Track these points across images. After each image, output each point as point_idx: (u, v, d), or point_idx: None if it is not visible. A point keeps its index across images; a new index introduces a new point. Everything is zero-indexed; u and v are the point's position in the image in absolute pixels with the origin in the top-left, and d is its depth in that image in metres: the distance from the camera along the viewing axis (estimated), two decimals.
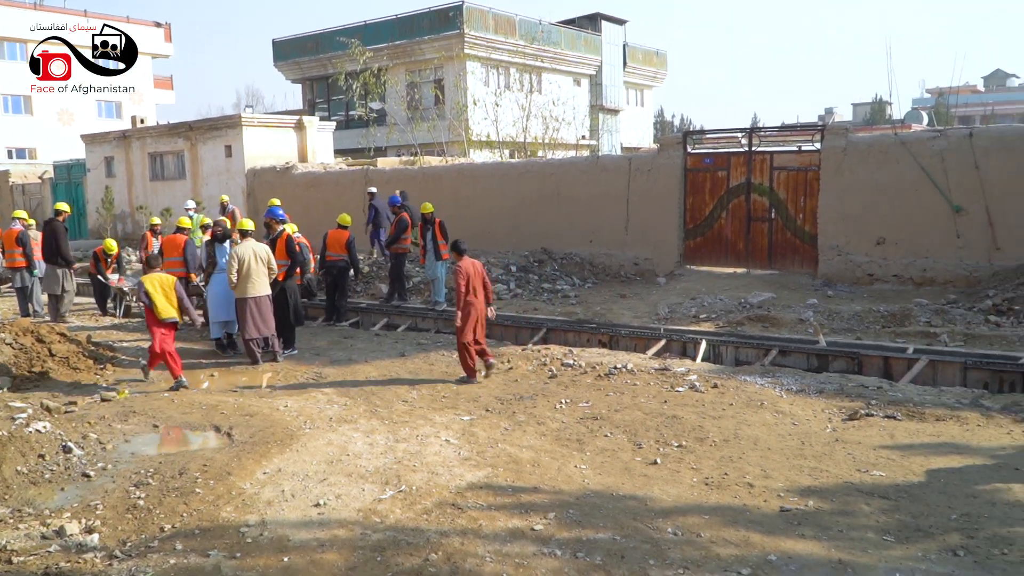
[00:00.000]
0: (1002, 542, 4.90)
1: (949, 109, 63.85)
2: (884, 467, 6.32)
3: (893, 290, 13.64)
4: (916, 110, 63.65)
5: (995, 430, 7.25)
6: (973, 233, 13.35)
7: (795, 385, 8.78)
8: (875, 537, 5.06)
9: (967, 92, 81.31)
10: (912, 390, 8.58)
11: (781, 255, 15.47)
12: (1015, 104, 76.96)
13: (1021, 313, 10.92)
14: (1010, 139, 13.30)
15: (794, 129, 18.42)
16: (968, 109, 72.64)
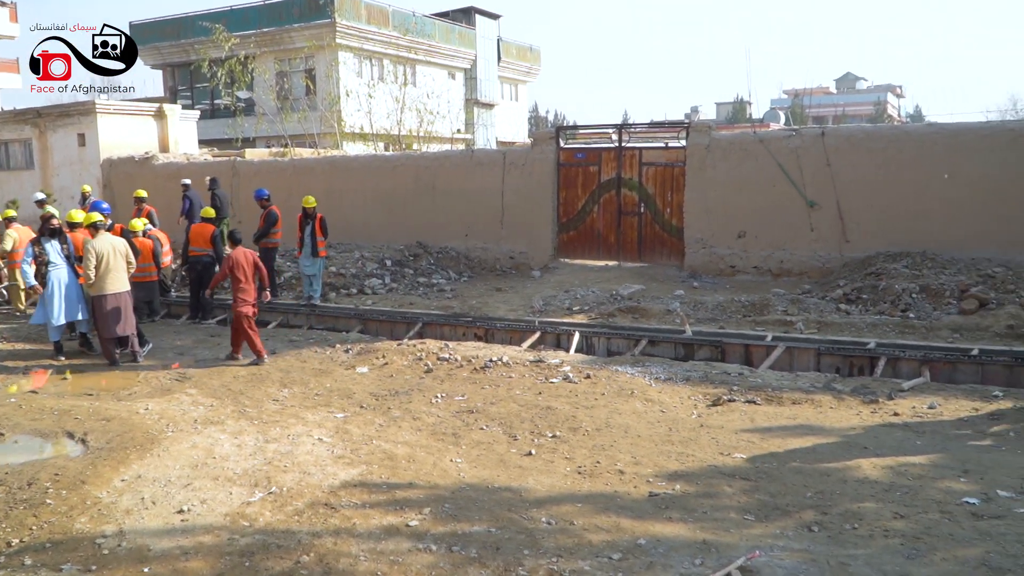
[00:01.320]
0: (853, 517, 5.23)
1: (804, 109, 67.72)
2: (745, 450, 6.63)
3: (753, 281, 14.33)
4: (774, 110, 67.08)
5: (846, 411, 7.74)
6: (825, 227, 14.19)
7: (663, 374, 9.08)
8: (737, 517, 5.29)
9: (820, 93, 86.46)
10: (771, 376, 9.04)
11: (650, 248, 15.97)
12: (864, 105, 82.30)
13: (868, 301, 11.69)
14: (858, 139, 14.21)
15: (662, 126, 19.02)
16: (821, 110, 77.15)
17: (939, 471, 6.00)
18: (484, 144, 37.40)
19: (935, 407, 7.73)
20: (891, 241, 13.54)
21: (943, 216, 13.31)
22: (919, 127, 14.70)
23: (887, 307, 11.28)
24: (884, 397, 8.05)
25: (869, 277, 12.35)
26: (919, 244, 13.27)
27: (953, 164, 13.31)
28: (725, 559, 4.58)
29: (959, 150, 13.31)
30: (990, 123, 14.18)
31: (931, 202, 13.42)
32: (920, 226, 13.43)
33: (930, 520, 5.10)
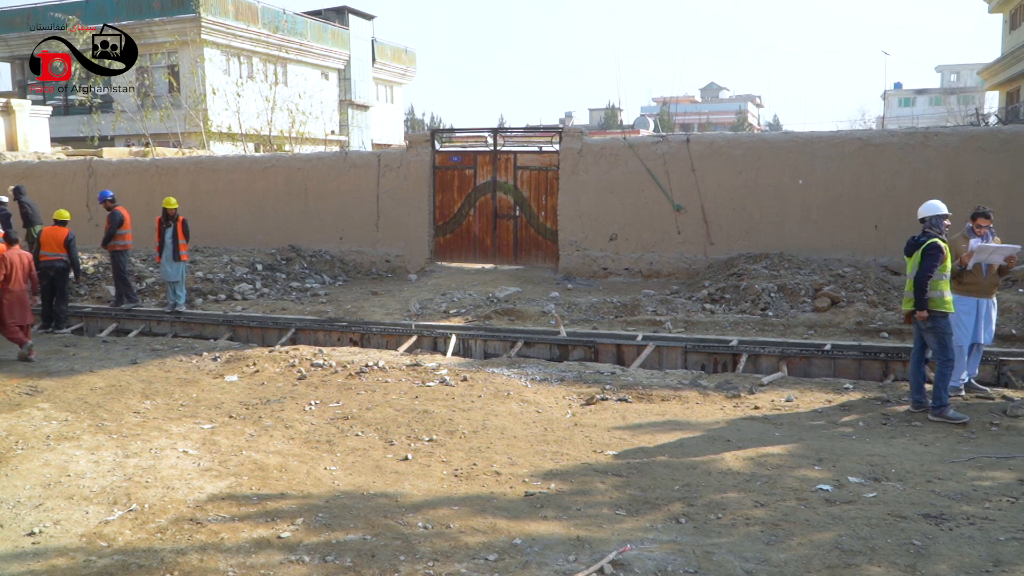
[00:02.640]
0: (717, 507, 5.45)
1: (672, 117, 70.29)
2: (617, 446, 6.81)
3: (625, 282, 14.75)
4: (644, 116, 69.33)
5: (711, 407, 8.07)
6: (691, 230, 14.78)
7: (539, 375, 9.20)
8: (609, 512, 5.42)
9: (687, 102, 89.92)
10: (641, 374, 9.32)
11: (526, 251, 16.18)
12: (727, 114, 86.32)
13: (731, 301, 12.24)
14: (720, 145, 14.87)
15: (537, 131, 19.31)
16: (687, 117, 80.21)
17: (796, 460, 6.35)
18: (359, 146, 36.88)
19: (792, 400, 8.18)
20: (752, 243, 14.25)
21: (799, 219, 14.13)
22: (776, 135, 15.54)
23: (748, 306, 11.86)
24: (746, 392, 8.45)
25: (732, 278, 12.95)
26: (777, 246, 14.02)
27: (807, 170, 14.14)
28: (598, 554, 4.68)
29: (812, 157, 14.16)
30: (840, 132, 15.15)
31: (788, 206, 14.22)
32: (778, 229, 14.20)
33: (788, 507, 5.38)
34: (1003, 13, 33.30)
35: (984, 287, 8.05)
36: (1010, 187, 13.23)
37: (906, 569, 4.43)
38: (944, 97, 70.45)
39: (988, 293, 8.13)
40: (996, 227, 8.55)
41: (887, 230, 13.31)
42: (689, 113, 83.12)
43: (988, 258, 7.92)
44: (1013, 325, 10.18)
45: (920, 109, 71.79)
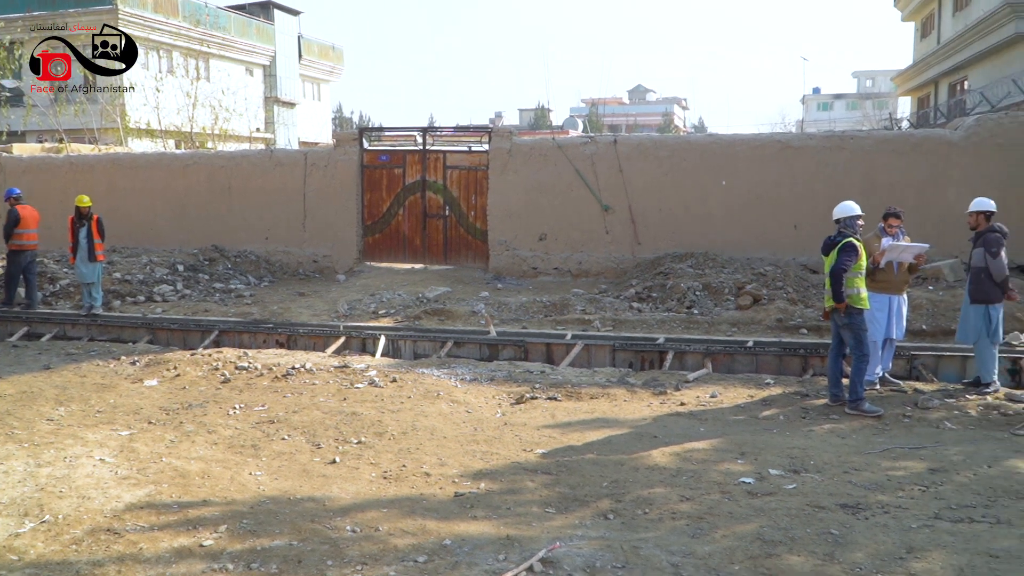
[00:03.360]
0: (644, 503, 5.53)
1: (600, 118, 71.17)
2: (547, 445, 6.85)
3: (554, 281, 14.86)
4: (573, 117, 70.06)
5: (638, 403, 8.20)
6: (619, 229, 14.97)
7: (469, 375, 9.20)
8: (539, 511, 5.45)
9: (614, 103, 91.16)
10: (571, 372, 9.41)
11: (456, 251, 16.14)
12: (653, 116, 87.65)
13: (658, 299, 12.45)
14: (646, 147, 15.10)
15: (467, 130, 19.25)
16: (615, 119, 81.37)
17: (720, 455, 6.50)
18: (285, 144, 36.22)
19: (716, 396, 8.37)
20: (678, 243, 14.52)
21: (722, 219, 14.45)
22: (700, 137, 15.88)
23: (674, 304, 12.08)
24: (672, 388, 8.61)
25: (658, 277, 13.17)
26: (702, 245, 14.32)
27: (730, 172, 14.48)
28: (528, 552, 4.70)
29: (735, 159, 14.50)
30: (761, 135, 15.55)
31: (712, 207, 14.53)
32: (703, 229, 14.50)
33: (712, 500, 5.50)
34: (915, 22, 34.68)
35: (895, 284, 8.39)
36: (920, 188, 13.79)
37: (824, 558, 4.57)
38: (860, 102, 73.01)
39: (899, 290, 8.47)
40: (907, 227, 8.92)
41: (806, 230, 13.72)
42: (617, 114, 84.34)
43: (899, 256, 8.25)
44: (923, 321, 10.62)
45: (837, 113, 74.29)
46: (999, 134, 13.84)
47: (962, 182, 13.37)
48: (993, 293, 8.25)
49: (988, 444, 6.78)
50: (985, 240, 8.26)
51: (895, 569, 4.41)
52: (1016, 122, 13.99)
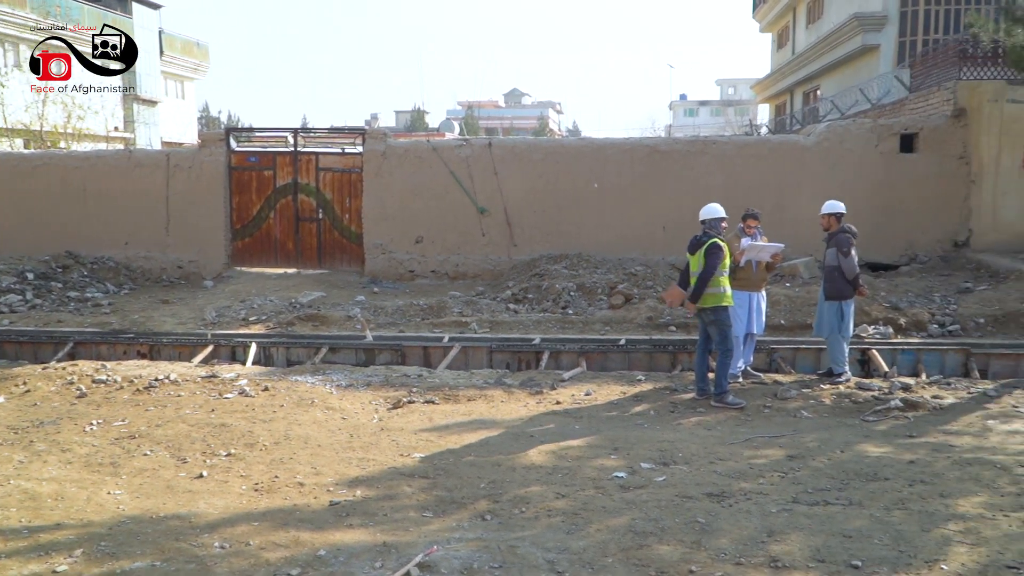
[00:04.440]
0: (521, 502, 5.59)
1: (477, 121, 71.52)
2: (424, 448, 6.81)
3: (431, 284, 14.81)
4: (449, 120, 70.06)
5: (515, 404, 8.27)
6: (495, 232, 15.08)
7: (344, 380, 9.04)
8: (416, 515, 5.41)
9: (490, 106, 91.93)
10: (448, 375, 9.40)
11: (330, 254, 15.83)
12: (529, 119, 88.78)
13: (534, 300, 12.62)
14: (521, 150, 15.29)
15: (341, 132, 18.97)
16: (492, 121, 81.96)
17: (594, 451, 6.64)
18: (146, 144, 34.47)
19: (591, 394, 8.56)
20: (552, 244, 14.77)
21: (595, 221, 14.81)
22: (573, 141, 16.21)
23: (550, 305, 12.27)
24: (548, 388, 8.75)
25: (534, 278, 13.35)
26: (576, 246, 14.62)
27: (602, 175, 14.86)
28: (404, 558, 4.65)
29: (606, 162, 14.90)
30: (630, 139, 16.04)
31: (585, 209, 14.87)
32: (576, 230, 14.81)
33: (587, 496, 5.62)
34: (772, 33, 36.66)
35: (755, 282, 8.83)
36: (778, 191, 14.58)
37: (692, 545, 4.75)
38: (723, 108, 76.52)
39: (758, 287, 8.92)
40: (765, 227, 9.40)
41: (673, 231, 14.23)
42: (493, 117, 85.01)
43: (757, 256, 8.69)
44: (782, 316, 11.21)
45: (702, 119, 77.57)
46: (847, 140, 14.80)
47: (815, 185, 14.22)
48: (845, 290, 8.81)
49: (841, 430, 7.23)
50: (837, 240, 8.81)
51: (756, 553, 4.63)
52: (863, 129, 15.00)
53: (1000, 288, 12.13)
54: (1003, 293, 11.82)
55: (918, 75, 17.93)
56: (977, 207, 14.71)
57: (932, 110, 15.44)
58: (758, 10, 36.15)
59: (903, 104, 17.45)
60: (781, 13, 33.44)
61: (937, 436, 7.01)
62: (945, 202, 14.75)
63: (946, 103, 14.96)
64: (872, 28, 22.50)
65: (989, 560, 4.48)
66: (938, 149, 14.67)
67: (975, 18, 12.70)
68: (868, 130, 14.90)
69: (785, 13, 33.09)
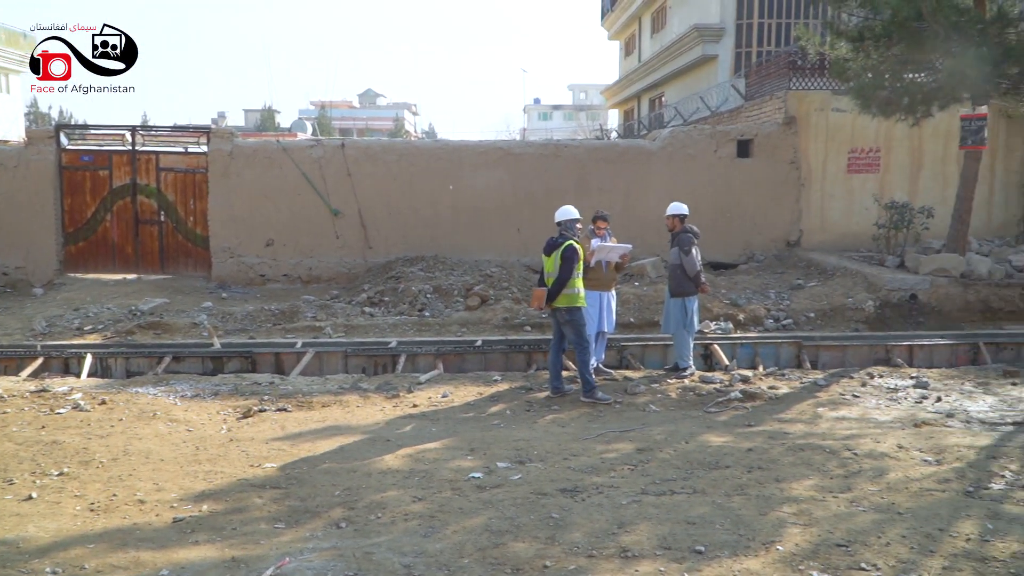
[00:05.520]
0: (377, 507, 5.51)
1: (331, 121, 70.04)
2: (276, 458, 6.60)
3: (284, 289, 14.39)
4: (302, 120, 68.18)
5: (371, 408, 8.16)
6: (350, 234, 14.84)
7: (190, 391, 8.63)
8: (267, 527, 5.23)
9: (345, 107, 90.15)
10: (302, 381, 9.15)
11: (174, 259, 15.08)
12: (385, 120, 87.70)
13: (390, 303, 12.50)
14: (375, 151, 15.12)
15: (185, 130, 18.10)
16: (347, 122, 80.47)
17: (451, 453, 6.65)
18: None
19: (448, 395, 8.57)
20: (409, 246, 14.69)
21: (451, 223, 14.86)
22: (428, 143, 16.20)
23: (406, 307, 12.20)
24: (405, 391, 8.68)
25: (390, 281, 13.24)
26: (432, 249, 14.62)
27: (457, 177, 14.93)
28: (255, 572, 4.48)
29: (462, 165, 14.97)
30: (485, 142, 16.18)
31: (441, 211, 14.89)
32: (432, 232, 14.81)
33: (443, 498, 5.61)
34: (620, 41, 37.96)
35: (605, 281, 9.11)
36: (626, 193, 15.12)
37: (546, 541, 4.84)
38: (575, 113, 78.47)
39: (608, 287, 9.22)
40: (614, 228, 9.72)
41: (528, 232, 14.49)
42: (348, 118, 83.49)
43: (607, 256, 8.98)
44: (631, 314, 11.63)
45: (556, 123, 79.33)
46: (689, 145, 15.55)
47: (660, 187, 14.85)
48: (688, 287, 9.24)
49: (686, 422, 7.58)
50: (679, 240, 9.24)
51: (608, 544, 4.77)
52: (703, 134, 15.80)
53: (828, 284, 13.09)
54: (830, 289, 12.75)
55: (753, 84, 19.06)
56: (807, 209, 15.82)
57: (766, 118, 16.47)
58: (606, 18, 37.34)
59: (740, 111, 18.51)
60: (627, 22, 34.68)
61: (773, 424, 7.47)
62: (779, 204, 15.77)
63: (778, 111, 16.00)
64: (711, 39, 23.72)
65: (820, 539, 4.81)
66: (772, 154, 15.66)
67: (803, 32, 13.60)
68: (708, 136, 15.71)
69: (631, 22, 34.34)
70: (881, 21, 12.01)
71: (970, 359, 10.53)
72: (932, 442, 6.75)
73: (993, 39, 11.19)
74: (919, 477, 5.91)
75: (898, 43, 11.96)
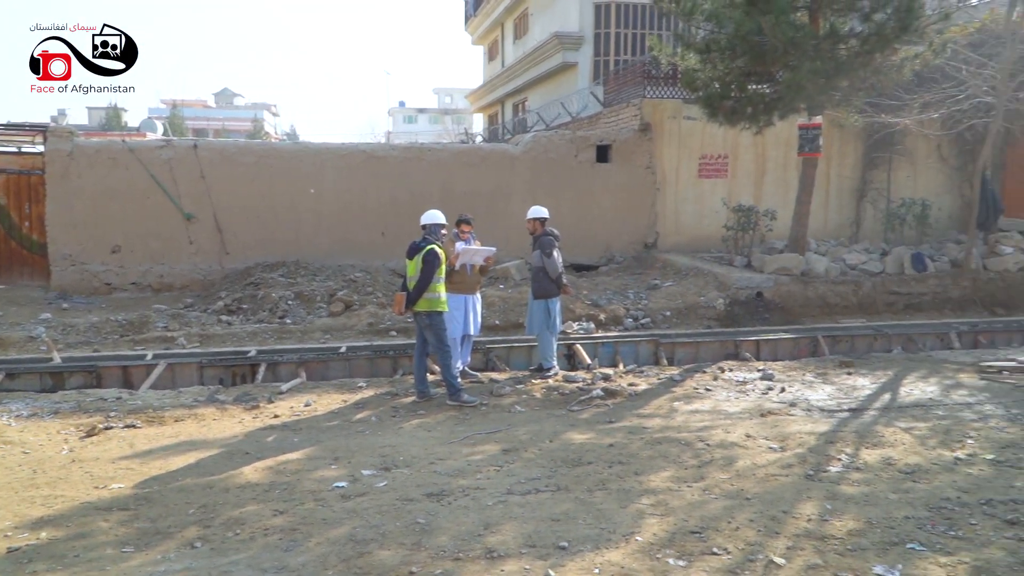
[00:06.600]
0: (235, 524, 5.29)
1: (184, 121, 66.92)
2: (124, 478, 6.22)
3: (132, 297, 13.62)
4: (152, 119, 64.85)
5: (229, 421, 7.84)
6: (205, 239, 14.21)
7: (26, 410, 8.01)
8: (114, 552, 4.92)
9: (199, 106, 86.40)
10: (152, 396, 8.68)
11: (7, 267, 13.99)
12: (243, 121, 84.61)
13: (249, 311, 12.06)
14: (230, 153, 14.56)
15: (20, 128, 16.77)
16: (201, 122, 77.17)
17: (314, 463, 6.48)
18: None
19: (311, 404, 8.35)
20: (268, 252, 14.23)
21: (313, 227, 14.51)
22: (288, 145, 15.74)
23: (266, 315, 11.81)
24: (265, 401, 8.39)
25: (249, 287, 12.78)
26: (294, 254, 14.22)
27: (319, 180, 14.60)
28: None
29: (323, 168, 14.65)
30: (347, 144, 15.91)
31: (302, 214, 14.51)
32: (294, 237, 14.41)
33: (306, 510, 5.46)
34: (483, 46, 38.25)
35: (469, 284, 9.15)
36: (490, 197, 15.25)
37: (412, 547, 4.79)
38: (441, 116, 78.49)
39: (473, 290, 9.25)
40: (478, 232, 9.77)
41: (392, 236, 14.36)
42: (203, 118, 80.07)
43: (471, 259, 9.01)
44: (496, 317, 11.73)
45: (422, 126, 79.07)
46: (551, 149, 15.86)
47: (523, 191, 15.07)
48: (551, 289, 9.41)
49: (550, 421, 7.71)
50: (541, 243, 9.39)
51: (474, 546, 4.78)
52: (565, 139, 16.14)
53: (682, 284, 13.66)
54: (685, 288, 13.32)
55: (611, 92, 19.66)
56: (662, 212, 16.46)
57: (623, 124, 17.01)
58: (470, 23, 37.55)
59: (599, 118, 19.05)
60: (491, 27, 35.01)
61: (633, 420, 7.72)
62: (636, 208, 16.33)
63: (634, 118, 16.57)
64: (571, 47, 24.28)
65: (676, 528, 5.01)
66: (629, 160, 16.20)
67: (655, 43, 14.15)
68: (569, 141, 16.07)
69: (494, 28, 34.69)
70: (726, 35, 12.65)
71: (810, 351, 11.25)
72: (777, 430, 7.16)
73: (826, 54, 12.01)
74: (765, 464, 6.26)
75: (741, 56, 12.63)
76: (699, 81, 13.45)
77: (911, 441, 6.84)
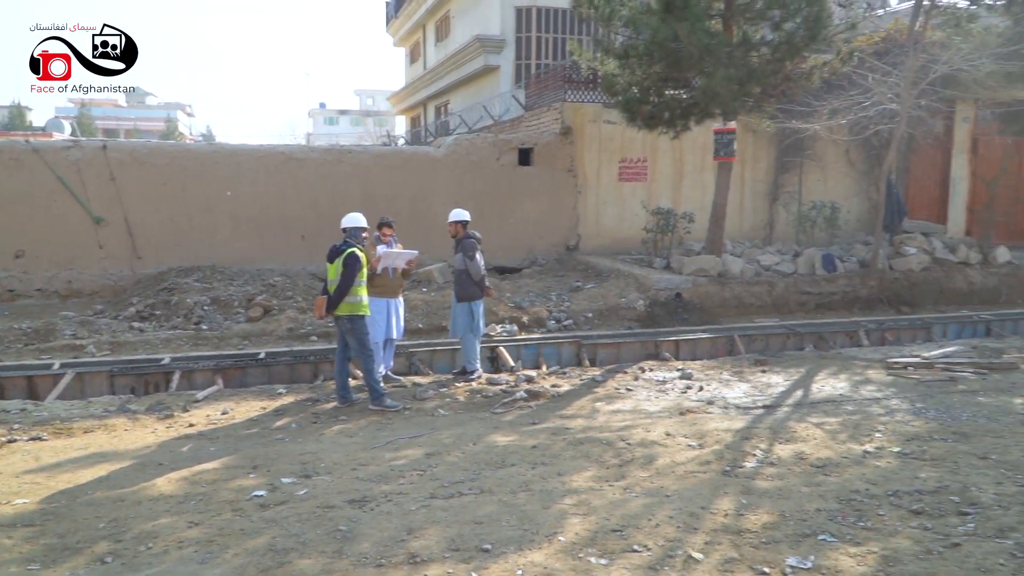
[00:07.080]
0: (148, 537, 5.12)
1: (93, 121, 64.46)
2: (29, 493, 5.95)
3: (38, 305, 13.06)
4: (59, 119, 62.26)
5: (141, 431, 7.58)
6: (115, 243, 13.73)
7: None
8: (19, 569, 4.70)
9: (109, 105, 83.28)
10: (59, 407, 8.34)
11: None
12: (156, 121, 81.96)
13: (163, 317, 11.70)
14: (142, 154, 14.10)
15: None
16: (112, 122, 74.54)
17: (231, 472, 6.32)
18: None
19: (228, 412, 8.15)
20: (183, 256, 13.84)
21: (230, 231, 14.17)
22: (203, 146, 15.34)
23: (181, 321, 11.48)
24: (180, 410, 8.16)
25: (163, 292, 12.39)
26: (210, 258, 13.86)
27: (235, 182, 14.26)
28: None
29: (240, 170, 14.32)
30: (265, 146, 15.60)
31: (218, 218, 14.15)
32: (210, 240, 14.04)
33: (223, 521, 5.32)
34: (405, 48, 38.00)
35: (392, 288, 9.08)
36: (412, 199, 15.17)
37: (334, 555, 4.73)
38: (363, 118, 77.63)
39: (395, 293, 9.19)
40: (400, 235, 9.72)
41: (312, 240, 14.14)
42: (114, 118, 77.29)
43: (393, 262, 8.95)
44: (419, 320, 11.67)
45: (343, 128, 77.99)
46: (473, 152, 15.88)
47: (445, 194, 15.05)
48: (474, 292, 9.41)
49: (474, 424, 7.71)
50: (463, 246, 9.39)
51: (397, 552, 4.74)
52: (486, 142, 16.18)
53: (604, 285, 13.86)
54: (606, 290, 13.51)
55: (532, 95, 19.80)
56: (583, 215, 16.67)
57: (545, 127, 17.16)
58: (391, 24, 37.26)
59: (521, 121, 19.16)
60: (412, 29, 34.83)
61: (556, 421, 7.79)
62: (558, 210, 16.49)
63: (555, 122, 16.73)
64: (492, 50, 24.34)
65: (598, 527, 5.07)
66: (551, 163, 16.35)
67: (576, 47, 14.32)
68: (491, 144, 16.12)
69: (416, 30, 34.52)
70: (643, 41, 12.89)
71: (727, 350, 11.56)
72: (695, 428, 7.33)
73: (739, 61, 12.37)
74: (684, 461, 6.40)
75: (659, 62, 12.89)
76: (618, 86, 13.67)
77: (822, 436, 7.10)
